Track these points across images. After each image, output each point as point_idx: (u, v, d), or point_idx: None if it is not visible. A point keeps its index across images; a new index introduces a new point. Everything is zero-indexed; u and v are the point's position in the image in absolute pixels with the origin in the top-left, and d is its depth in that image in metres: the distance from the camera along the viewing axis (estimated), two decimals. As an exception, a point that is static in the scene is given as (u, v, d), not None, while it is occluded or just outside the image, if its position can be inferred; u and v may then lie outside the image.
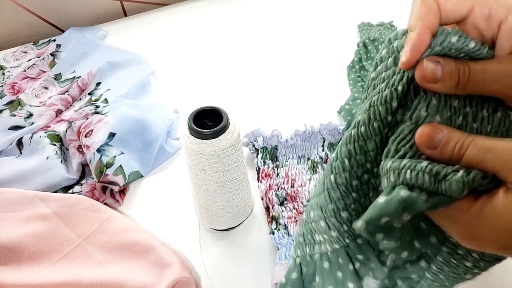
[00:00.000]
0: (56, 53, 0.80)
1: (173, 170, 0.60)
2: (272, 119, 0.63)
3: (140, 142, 0.60)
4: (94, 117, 0.61)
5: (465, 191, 0.24)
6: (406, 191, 0.24)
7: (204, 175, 0.45)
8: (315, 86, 0.70)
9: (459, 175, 0.24)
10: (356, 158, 0.29)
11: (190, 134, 0.43)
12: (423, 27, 0.25)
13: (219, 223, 0.50)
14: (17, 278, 0.46)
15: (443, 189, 0.24)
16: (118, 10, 0.91)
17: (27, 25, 0.86)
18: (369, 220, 0.24)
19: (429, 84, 0.26)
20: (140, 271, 0.46)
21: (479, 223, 0.24)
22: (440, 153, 0.25)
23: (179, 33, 0.84)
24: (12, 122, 0.67)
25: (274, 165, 0.56)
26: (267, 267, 0.48)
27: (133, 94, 0.69)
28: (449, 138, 0.25)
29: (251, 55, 0.77)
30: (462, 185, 0.23)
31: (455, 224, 0.25)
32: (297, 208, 0.51)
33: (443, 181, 0.24)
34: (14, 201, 0.52)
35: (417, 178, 0.24)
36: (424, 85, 0.26)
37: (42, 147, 0.60)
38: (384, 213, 0.24)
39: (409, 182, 0.24)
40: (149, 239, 0.48)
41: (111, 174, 0.55)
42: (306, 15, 0.85)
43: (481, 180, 0.24)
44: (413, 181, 0.24)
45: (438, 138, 0.25)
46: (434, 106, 0.27)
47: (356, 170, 0.30)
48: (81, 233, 0.50)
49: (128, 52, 0.78)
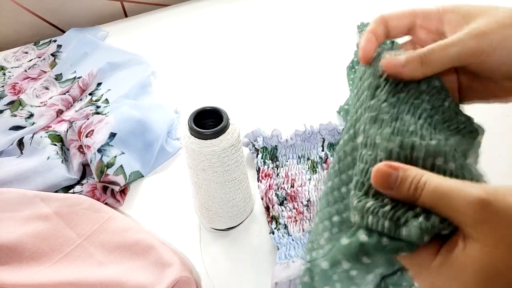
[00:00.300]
0: (57, 53, 0.80)
1: (173, 170, 0.60)
2: (272, 119, 0.63)
3: (141, 142, 0.61)
4: (95, 117, 0.62)
5: (425, 236, 0.23)
6: (365, 236, 0.24)
7: (204, 175, 0.45)
8: (315, 86, 0.70)
9: (418, 221, 0.24)
10: (344, 164, 0.30)
11: (190, 134, 0.43)
12: (369, 33, 0.33)
13: (219, 223, 0.50)
14: (18, 278, 0.46)
15: (403, 235, 0.24)
16: (118, 10, 0.91)
17: (27, 25, 0.86)
18: (333, 262, 0.26)
19: (397, 69, 0.29)
20: (141, 271, 0.46)
21: (440, 280, 0.23)
22: (396, 193, 0.25)
23: (180, 34, 0.84)
24: (13, 122, 0.67)
25: (274, 165, 0.56)
26: (267, 267, 0.48)
27: (133, 94, 0.69)
28: (403, 178, 0.25)
29: (251, 55, 0.77)
30: (420, 230, 0.23)
31: (419, 278, 0.25)
32: (297, 208, 0.51)
33: (403, 227, 0.24)
34: (14, 201, 0.52)
35: (378, 224, 0.24)
36: (392, 72, 0.30)
37: (43, 147, 0.60)
38: (344, 256, 0.25)
39: (371, 227, 0.25)
40: (150, 239, 0.48)
41: (111, 174, 0.55)
42: (306, 15, 0.85)
43: (441, 224, 0.23)
44: (374, 226, 0.24)
45: (393, 178, 0.25)
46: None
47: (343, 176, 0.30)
48: (82, 233, 0.50)
49: (128, 53, 0.78)
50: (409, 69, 0.29)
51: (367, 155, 0.27)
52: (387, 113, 0.28)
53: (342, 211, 0.30)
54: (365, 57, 0.32)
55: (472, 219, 0.22)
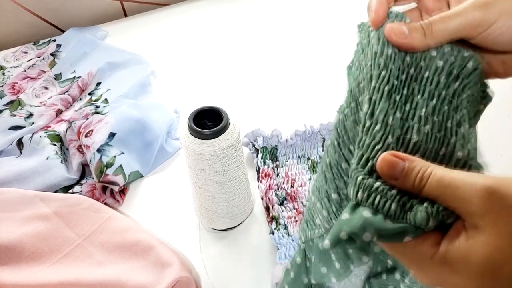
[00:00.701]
0: (56, 53, 0.80)
1: (173, 170, 0.60)
2: (272, 119, 0.63)
3: (140, 142, 0.61)
4: (94, 117, 0.61)
5: (430, 221, 0.23)
6: (369, 213, 0.24)
7: (204, 175, 0.45)
8: (315, 86, 0.70)
9: (424, 206, 0.24)
10: (344, 139, 0.29)
11: (190, 134, 0.43)
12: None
13: (219, 223, 0.50)
14: (17, 278, 0.46)
15: (408, 219, 0.24)
16: (118, 10, 0.91)
17: (27, 25, 0.86)
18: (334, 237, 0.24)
19: (400, 40, 0.29)
20: (140, 271, 0.46)
21: (443, 271, 0.23)
22: (402, 183, 0.25)
23: (179, 33, 0.84)
24: (12, 122, 0.67)
25: (274, 165, 0.56)
26: (267, 267, 0.48)
27: (133, 94, 0.69)
28: (410, 169, 0.25)
29: (251, 55, 0.77)
30: (426, 215, 0.23)
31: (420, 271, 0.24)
32: (297, 208, 0.51)
33: (408, 212, 0.24)
34: (14, 201, 0.52)
35: (385, 205, 0.24)
36: (395, 42, 0.29)
37: (42, 147, 0.60)
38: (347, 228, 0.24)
39: (377, 207, 0.24)
40: (149, 239, 0.48)
41: (111, 174, 0.55)
42: (306, 15, 0.85)
43: (445, 211, 0.23)
44: (381, 206, 0.24)
45: (399, 168, 0.25)
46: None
47: (344, 151, 0.29)
48: (81, 233, 0.50)
49: (128, 52, 0.78)
50: (412, 39, 0.29)
51: (375, 130, 0.26)
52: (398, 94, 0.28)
53: (342, 188, 0.29)
54: (377, 19, 0.31)
55: (479, 208, 0.22)
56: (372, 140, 0.26)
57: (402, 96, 0.28)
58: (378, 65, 0.28)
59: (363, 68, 0.30)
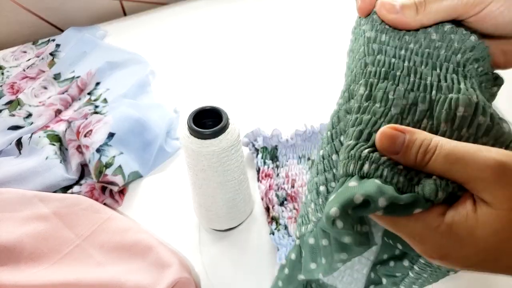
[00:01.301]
0: (56, 52, 0.79)
1: (172, 170, 0.60)
2: (272, 119, 0.63)
3: (140, 142, 0.60)
4: (94, 117, 0.61)
5: (439, 193, 0.23)
6: (379, 182, 0.23)
7: (203, 175, 0.45)
8: (315, 86, 0.70)
9: (432, 179, 0.23)
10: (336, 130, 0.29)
11: (189, 134, 0.43)
12: None
13: (219, 223, 0.50)
14: (17, 279, 0.46)
15: (417, 192, 0.23)
16: (117, 9, 0.90)
17: (26, 24, 0.85)
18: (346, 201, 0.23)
19: (390, 15, 0.28)
20: (140, 271, 0.46)
21: (448, 242, 0.23)
22: (402, 158, 0.24)
23: (179, 33, 0.84)
24: (11, 122, 0.67)
25: (274, 165, 0.56)
26: (267, 267, 0.47)
27: (132, 94, 0.69)
28: (410, 141, 0.24)
29: (251, 55, 0.77)
30: (435, 186, 0.23)
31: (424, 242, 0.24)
32: (297, 209, 0.51)
33: (416, 185, 0.23)
34: (13, 201, 0.52)
35: (393, 178, 0.23)
36: (386, 17, 0.28)
37: (42, 147, 0.59)
38: (362, 191, 0.22)
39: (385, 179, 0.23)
40: (149, 239, 0.48)
41: (110, 174, 0.55)
42: (306, 14, 0.85)
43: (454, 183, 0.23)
44: (389, 179, 0.23)
45: (399, 142, 0.24)
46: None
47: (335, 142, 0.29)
48: (81, 233, 0.50)
49: (127, 52, 0.78)
50: (404, 15, 0.28)
51: (375, 107, 0.26)
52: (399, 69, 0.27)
53: (330, 180, 0.29)
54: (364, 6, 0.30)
55: (489, 183, 0.22)
56: (372, 116, 0.26)
57: (403, 69, 0.27)
58: (372, 50, 0.28)
59: (356, 55, 0.29)
